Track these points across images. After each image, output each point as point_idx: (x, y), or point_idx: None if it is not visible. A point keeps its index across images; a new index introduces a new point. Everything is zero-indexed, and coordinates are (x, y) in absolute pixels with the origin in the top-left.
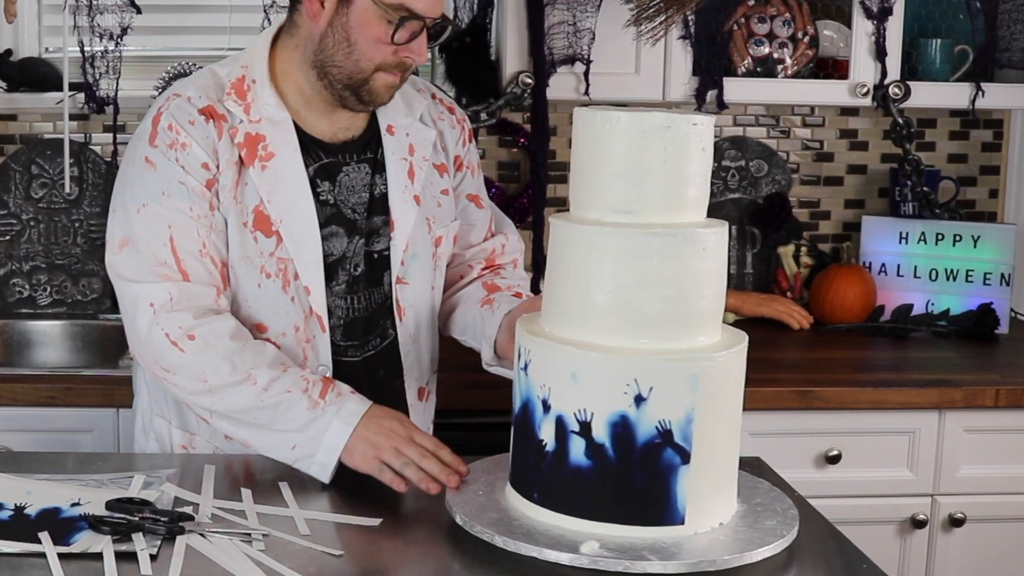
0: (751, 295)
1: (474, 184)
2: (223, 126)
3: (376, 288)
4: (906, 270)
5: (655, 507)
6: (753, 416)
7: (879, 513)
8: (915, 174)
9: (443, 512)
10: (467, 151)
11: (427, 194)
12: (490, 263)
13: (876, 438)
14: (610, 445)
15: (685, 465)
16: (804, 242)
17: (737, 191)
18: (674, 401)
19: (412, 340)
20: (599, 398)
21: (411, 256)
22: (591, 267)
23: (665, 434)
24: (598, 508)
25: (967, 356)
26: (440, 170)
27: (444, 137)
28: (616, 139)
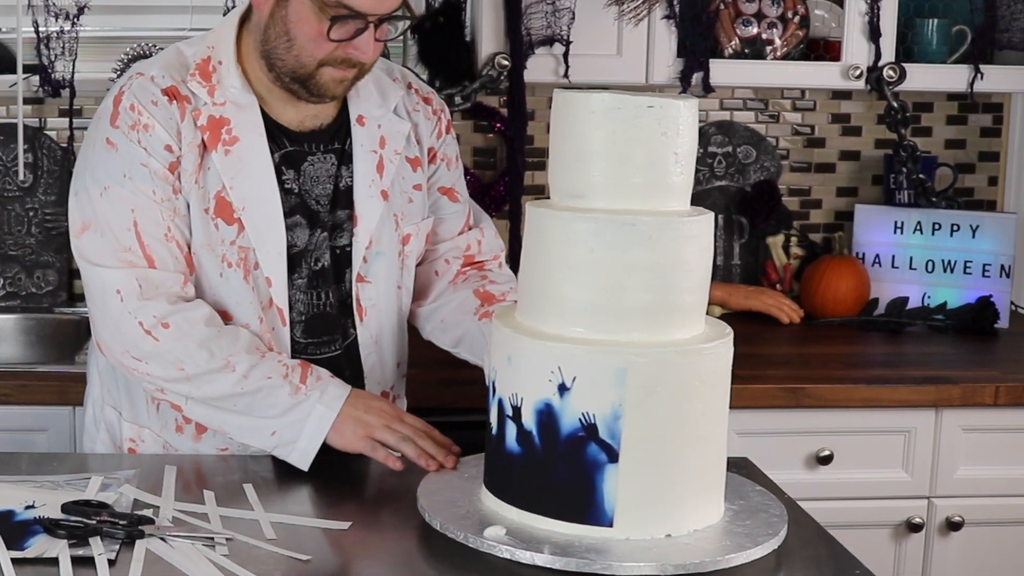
0: (738, 288)
1: (449, 177)
2: (186, 107)
3: (338, 285)
4: (901, 261)
5: (579, 504)
6: (741, 415)
7: (873, 516)
8: (911, 161)
9: (415, 515)
10: (443, 143)
11: (397, 189)
12: (469, 260)
13: (870, 438)
14: (536, 433)
15: (613, 464)
16: (794, 232)
17: (724, 178)
18: (599, 394)
19: (374, 342)
20: (528, 384)
21: (375, 253)
22: (568, 257)
23: (589, 428)
24: (527, 498)
25: (965, 352)
26: (413, 164)
27: (419, 129)
28: (596, 123)
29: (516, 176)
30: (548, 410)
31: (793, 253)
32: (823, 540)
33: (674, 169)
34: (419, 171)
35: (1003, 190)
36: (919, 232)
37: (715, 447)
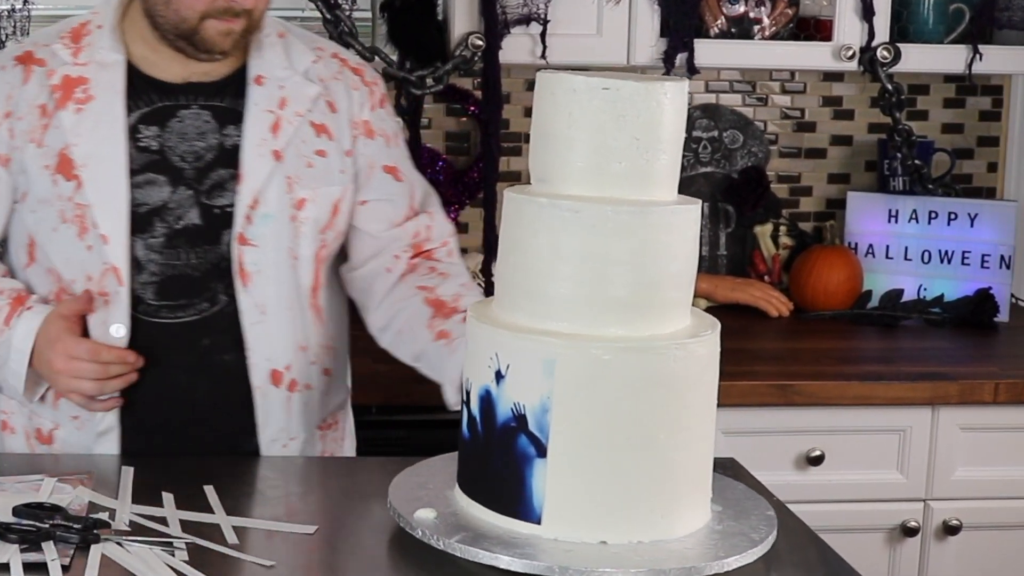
0: (724, 279)
1: (391, 154)
2: (34, 71)
3: (212, 247)
4: (896, 252)
5: (511, 496)
6: (727, 413)
7: (866, 520)
8: (906, 146)
9: (386, 516)
10: (378, 116)
11: (295, 152)
12: (418, 249)
13: (863, 437)
14: (479, 419)
15: (541, 459)
16: (783, 221)
17: (709, 164)
18: (529, 384)
19: (260, 311)
20: (474, 368)
21: (261, 215)
22: (546, 247)
23: (519, 418)
24: (471, 485)
25: (963, 346)
26: (319, 130)
27: (337, 98)
28: (576, 106)
29: (491, 162)
30: (488, 397)
31: (782, 243)
32: (814, 545)
33: (659, 155)
34: (325, 139)
35: (1003, 177)
36: (915, 221)
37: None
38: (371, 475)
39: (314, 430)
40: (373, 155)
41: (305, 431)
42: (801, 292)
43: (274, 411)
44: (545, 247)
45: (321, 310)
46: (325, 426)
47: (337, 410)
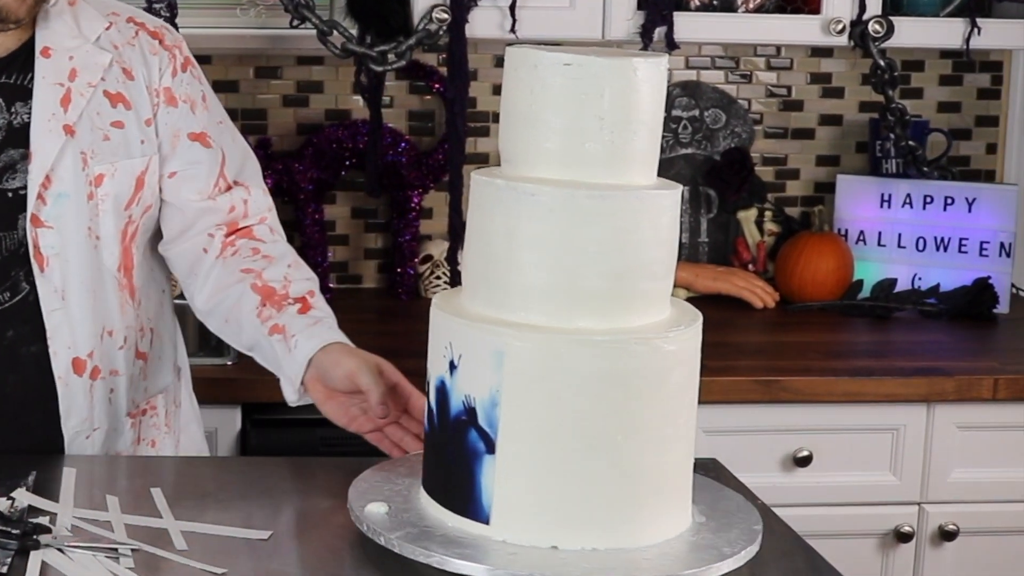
0: (706, 268)
1: (197, 121)
2: None
3: (8, 232)
4: (888, 239)
5: (460, 493)
6: (708, 410)
7: (857, 524)
8: (899, 126)
9: (347, 523)
10: (180, 82)
11: (88, 125)
12: (233, 226)
13: (853, 436)
14: (436, 411)
15: (490, 455)
16: (768, 206)
17: (690, 146)
18: (479, 376)
19: (59, 297)
20: (432, 358)
21: (56, 195)
22: (516, 234)
23: (470, 411)
24: (428, 481)
25: (960, 340)
26: (115, 100)
27: (133, 64)
28: (543, 84)
29: (457, 143)
30: (443, 388)
31: (767, 229)
32: (801, 551)
33: (632, 136)
34: (121, 108)
35: (1003, 159)
36: (908, 206)
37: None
38: (331, 476)
39: (122, 418)
40: (177, 123)
41: (109, 420)
42: (787, 282)
43: (77, 401)
44: (502, 233)
45: (135, 291)
46: (138, 413)
47: (156, 395)
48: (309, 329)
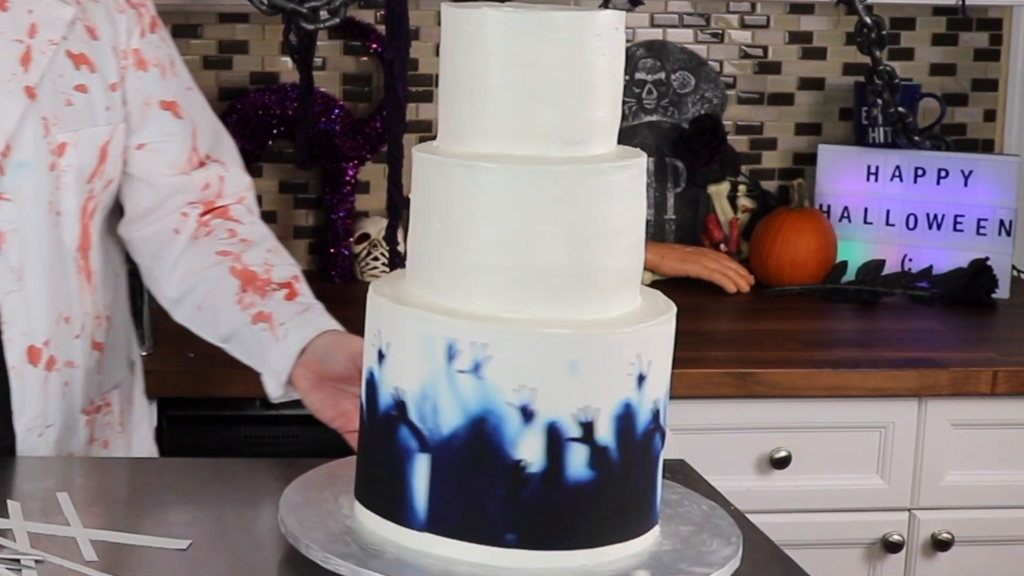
0: (673, 248)
1: (167, 87)
2: None
3: None
4: (876, 215)
5: (391, 497)
6: (675, 406)
7: (841, 533)
8: (887, 90)
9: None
10: (150, 44)
11: (50, 88)
12: (209, 205)
13: (836, 435)
14: (366, 406)
15: (423, 453)
16: (742, 179)
17: (655, 112)
18: (408, 367)
19: (16, 278)
20: (365, 347)
21: (15, 164)
22: (463, 215)
23: (399, 405)
24: (359, 485)
25: (955, 328)
26: (78, 60)
27: (97, 22)
28: (494, 45)
29: (397, 109)
30: (372, 380)
31: (741, 205)
32: (779, 563)
33: (595, 103)
34: (85, 71)
35: (1002, 127)
36: (898, 179)
37: None
38: (256, 480)
39: (77, 415)
40: (148, 89)
41: (63, 416)
42: (763, 263)
43: (31, 395)
44: (447, 213)
45: (92, 274)
46: (92, 409)
47: (111, 390)
48: (300, 317)
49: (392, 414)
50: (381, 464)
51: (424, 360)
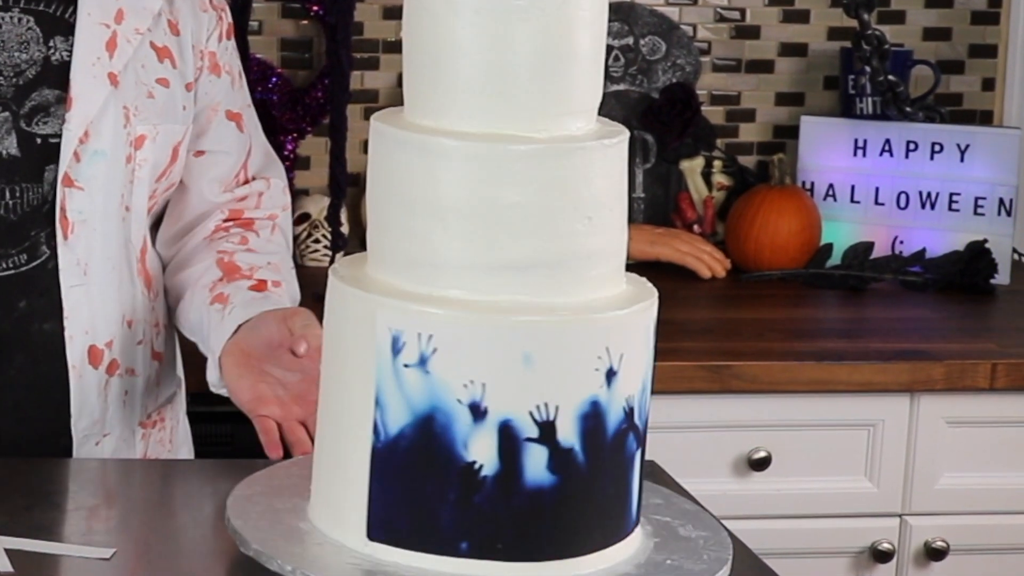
0: (642, 229)
1: (235, 99)
2: None
3: (33, 184)
4: (864, 194)
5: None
6: None
7: (826, 541)
8: (876, 57)
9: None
10: (225, 50)
11: (132, 77)
12: (236, 215)
13: (821, 434)
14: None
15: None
16: (718, 154)
17: (622, 81)
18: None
19: (82, 271)
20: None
21: (92, 152)
22: (428, 195)
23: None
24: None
25: (951, 316)
26: (161, 54)
27: (182, 18)
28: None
29: (340, 78)
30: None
31: (716, 183)
32: (758, 573)
33: (574, 74)
34: (168, 65)
35: (1001, 97)
36: (887, 154)
37: None
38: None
39: (135, 427)
40: (218, 96)
41: (121, 427)
42: (741, 246)
43: (89, 399)
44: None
45: (151, 279)
46: (149, 424)
47: (165, 405)
48: (254, 302)
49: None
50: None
51: (371, 353)
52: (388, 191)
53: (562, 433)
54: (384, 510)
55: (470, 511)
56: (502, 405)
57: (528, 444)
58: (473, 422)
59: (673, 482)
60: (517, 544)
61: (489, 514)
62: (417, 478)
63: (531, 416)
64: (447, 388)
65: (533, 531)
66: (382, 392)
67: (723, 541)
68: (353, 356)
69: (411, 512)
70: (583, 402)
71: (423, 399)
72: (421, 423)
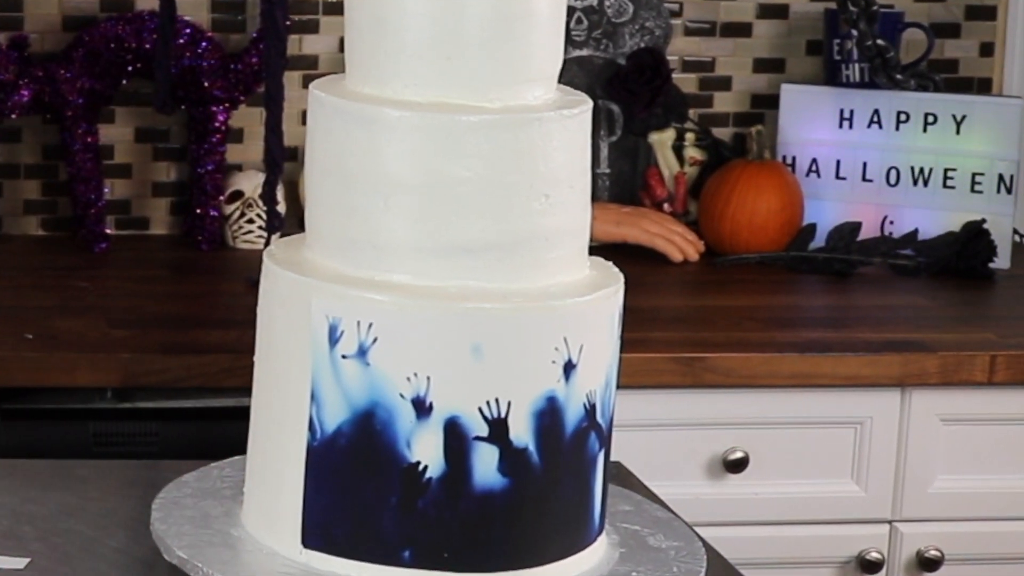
0: (607, 209)
1: None
2: None
3: None
4: (850, 169)
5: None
6: None
7: (809, 550)
8: (864, 19)
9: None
10: None
11: None
12: None
13: (803, 433)
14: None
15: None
16: (691, 126)
17: (585, 46)
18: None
19: None
20: None
21: None
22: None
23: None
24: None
25: (945, 304)
26: None
27: None
28: None
29: (276, 42)
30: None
31: (689, 157)
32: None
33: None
34: None
35: (1001, 63)
36: (876, 126)
37: None
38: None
39: None
40: None
41: None
42: (715, 227)
43: None
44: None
45: None
46: None
47: None
48: None
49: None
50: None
51: (306, 342)
52: (328, 166)
53: (515, 431)
54: (320, 515)
55: (413, 517)
56: (449, 401)
57: (477, 443)
58: (417, 419)
59: (641, 486)
60: (465, 553)
61: (434, 520)
62: (356, 480)
63: (481, 413)
64: (389, 382)
65: (482, 539)
66: (318, 386)
67: (696, 551)
68: (287, 346)
69: (349, 517)
70: (538, 398)
71: (362, 394)
72: (360, 420)
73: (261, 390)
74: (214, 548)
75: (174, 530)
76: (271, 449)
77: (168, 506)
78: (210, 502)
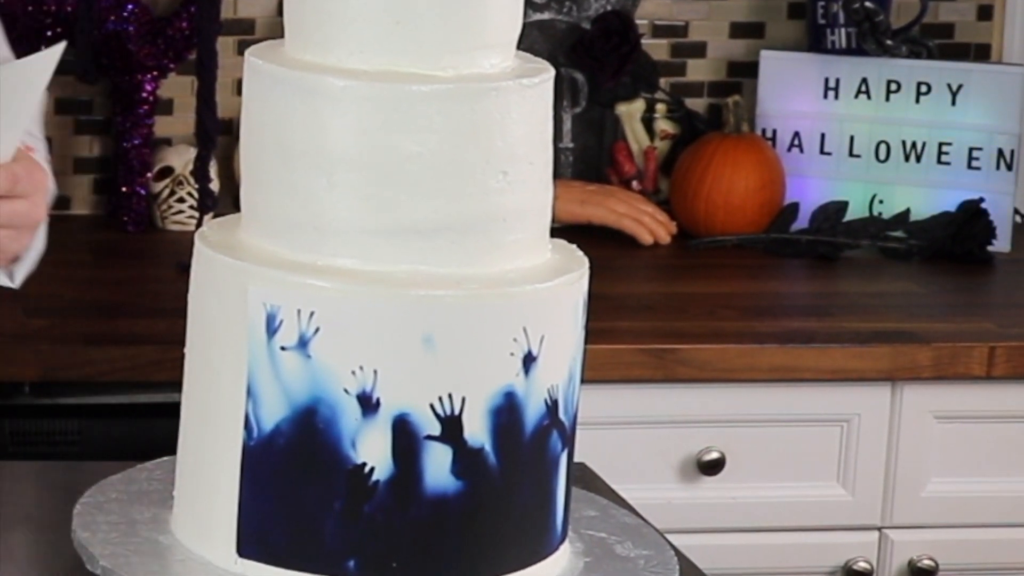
0: (571, 187)
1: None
2: None
3: None
4: (835, 144)
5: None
6: None
7: (791, 558)
8: None
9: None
10: None
11: None
12: None
13: (785, 432)
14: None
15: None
16: (661, 96)
17: (547, 9)
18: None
19: None
20: None
21: None
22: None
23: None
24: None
25: (940, 290)
26: None
27: None
28: None
29: (209, 4)
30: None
31: (660, 130)
32: None
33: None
34: None
35: (1001, 28)
36: (864, 95)
37: None
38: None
39: None
40: None
41: None
42: (689, 206)
43: None
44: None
45: None
46: None
47: None
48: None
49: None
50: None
51: (242, 333)
52: (265, 140)
53: (469, 430)
54: (257, 521)
55: (359, 523)
56: (397, 396)
57: (429, 443)
58: (363, 416)
59: (608, 489)
60: (415, 562)
61: (382, 527)
62: (296, 483)
63: (432, 410)
64: (332, 376)
65: (434, 547)
66: (255, 380)
67: (667, 561)
68: (222, 337)
69: (289, 524)
70: (495, 393)
71: (303, 389)
72: (301, 417)
73: (192, 385)
74: (141, 557)
75: (98, 537)
76: (203, 449)
77: (91, 511)
78: (137, 507)
